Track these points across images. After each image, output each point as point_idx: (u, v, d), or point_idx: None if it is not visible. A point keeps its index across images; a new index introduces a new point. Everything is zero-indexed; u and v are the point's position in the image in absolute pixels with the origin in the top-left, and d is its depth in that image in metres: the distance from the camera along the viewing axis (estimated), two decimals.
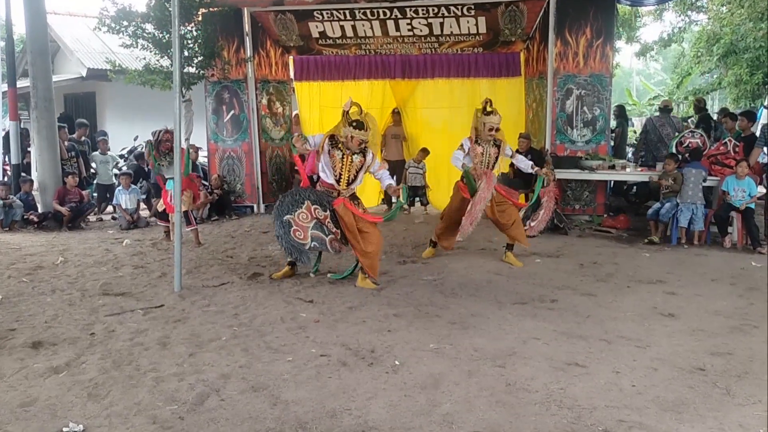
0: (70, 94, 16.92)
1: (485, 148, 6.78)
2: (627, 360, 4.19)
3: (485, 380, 3.84)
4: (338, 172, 5.97)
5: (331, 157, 5.93)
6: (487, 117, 6.69)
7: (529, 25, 10.10)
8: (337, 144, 5.95)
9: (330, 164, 5.96)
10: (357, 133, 5.84)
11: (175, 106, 5.83)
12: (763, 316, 5.17)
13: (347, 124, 5.89)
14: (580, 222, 9.40)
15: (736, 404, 3.55)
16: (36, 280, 6.40)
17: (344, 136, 5.92)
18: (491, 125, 6.68)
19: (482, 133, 6.73)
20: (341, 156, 5.93)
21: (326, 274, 6.50)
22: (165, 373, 3.96)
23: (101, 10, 9.49)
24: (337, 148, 5.94)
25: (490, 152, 6.81)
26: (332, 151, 5.93)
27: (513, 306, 5.40)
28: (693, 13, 19.50)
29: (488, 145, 6.78)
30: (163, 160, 7.88)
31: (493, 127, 6.68)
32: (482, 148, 6.77)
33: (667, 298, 5.69)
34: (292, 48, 11.28)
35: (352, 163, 5.98)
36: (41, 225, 9.53)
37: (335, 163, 5.94)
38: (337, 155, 5.93)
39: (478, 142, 6.78)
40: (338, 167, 5.95)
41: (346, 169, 5.97)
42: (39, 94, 10.14)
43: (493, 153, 6.83)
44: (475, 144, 6.78)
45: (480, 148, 6.77)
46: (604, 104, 9.43)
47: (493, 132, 6.71)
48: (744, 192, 7.77)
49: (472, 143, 6.79)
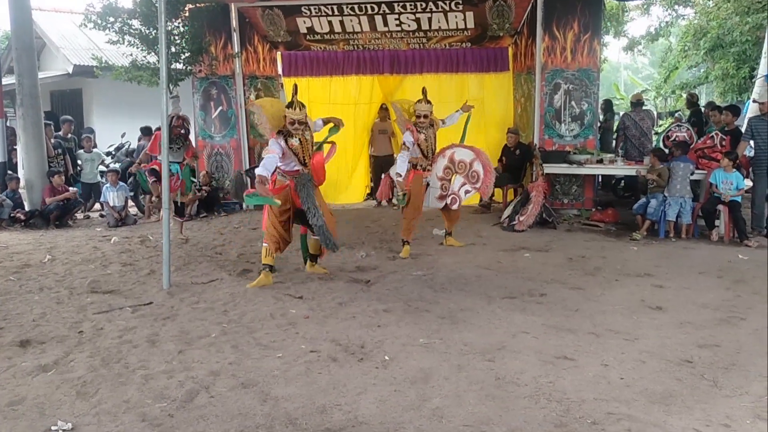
0: (57, 91, 16.78)
1: (426, 133, 7.15)
2: (615, 353, 4.21)
3: (475, 374, 3.85)
4: (302, 155, 5.92)
5: (291, 147, 5.85)
6: (419, 105, 7.10)
7: (516, 20, 10.12)
8: (288, 133, 5.84)
9: (293, 154, 5.88)
10: (289, 112, 5.80)
11: (162, 102, 5.80)
12: (750, 307, 5.21)
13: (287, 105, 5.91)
14: (569, 216, 9.43)
15: (723, 396, 3.58)
16: (23, 278, 6.36)
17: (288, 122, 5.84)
18: (419, 112, 7.07)
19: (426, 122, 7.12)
20: (299, 141, 5.87)
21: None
22: (154, 370, 3.95)
23: (87, 6, 9.45)
24: (290, 137, 5.84)
25: (430, 135, 7.20)
26: (290, 141, 5.83)
27: (502, 300, 5.41)
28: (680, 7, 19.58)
29: (427, 129, 7.16)
30: (173, 144, 7.85)
31: (420, 114, 7.06)
32: (424, 134, 7.14)
33: (655, 291, 5.72)
34: (280, 43, 11.24)
35: (308, 141, 5.97)
36: (28, 223, 9.46)
37: (297, 151, 5.87)
38: (295, 143, 5.84)
39: (418, 129, 7.11)
40: (300, 152, 5.90)
41: (307, 150, 5.96)
42: (25, 91, 10.06)
43: (432, 133, 7.24)
44: (418, 133, 7.10)
45: (422, 135, 7.12)
46: (592, 99, 9.46)
47: (422, 119, 7.09)
48: (732, 185, 7.81)
49: (416, 134, 7.07)
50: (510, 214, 8.86)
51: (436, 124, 7.27)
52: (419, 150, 7.12)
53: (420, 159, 7.18)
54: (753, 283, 5.98)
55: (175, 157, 7.90)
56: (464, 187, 7.12)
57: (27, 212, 9.63)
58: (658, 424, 3.24)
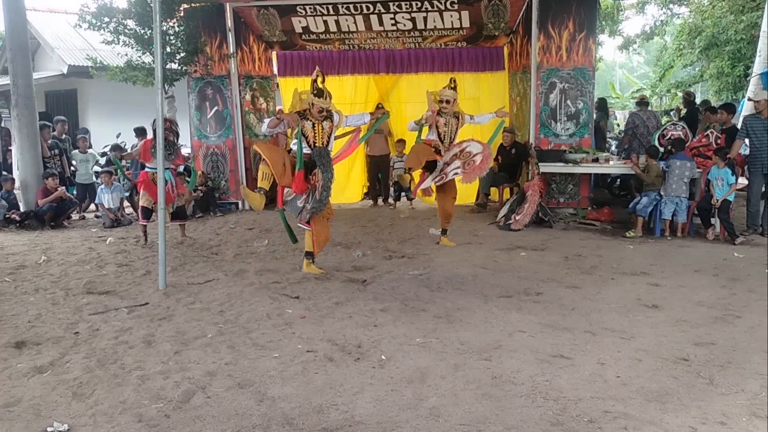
0: (51, 92, 16.75)
1: (447, 119, 7.29)
2: (611, 351, 4.22)
3: (471, 373, 3.86)
4: (311, 140, 6.16)
5: (303, 128, 6.11)
6: (443, 90, 7.30)
7: (512, 19, 10.13)
8: (305, 116, 6.15)
9: (303, 136, 6.12)
10: (317, 100, 6.07)
11: (157, 102, 5.79)
12: (746, 305, 5.22)
13: (312, 92, 6.10)
14: (565, 215, 9.44)
15: (719, 394, 3.59)
16: (18, 279, 6.34)
17: (309, 104, 6.15)
18: (443, 97, 7.26)
19: (449, 108, 7.29)
20: (312, 125, 6.15)
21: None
22: (150, 371, 3.94)
23: (82, 6, 9.43)
24: (305, 119, 6.13)
25: (451, 123, 7.34)
26: (302, 123, 6.12)
27: (498, 299, 5.42)
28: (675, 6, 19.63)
29: (450, 117, 7.30)
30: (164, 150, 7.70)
31: (443, 99, 7.24)
32: (444, 120, 7.28)
33: (651, 290, 5.73)
34: (276, 43, 11.23)
35: (323, 130, 6.20)
36: (23, 224, 9.43)
37: (307, 133, 6.14)
38: (307, 125, 6.13)
39: (441, 114, 7.27)
40: (311, 136, 6.15)
41: (319, 137, 6.18)
42: (19, 92, 10.02)
43: (454, 123, 7.37)
44: (438, 116, 7.26)
45: (443, 119, 7.27)
46: (587, 98, 9.47)
47: (444, 104, 7.24)
48: (722, 181, 7.83)
49: (435, 115, 7.24)
50: (506, 213, 8.87)
51: (462, 116, 7.42)
52: (436, 133, 7.27)
53: (436, 142, 7.30)
54: (748, 281, 5.99)
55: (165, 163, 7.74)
56: (455, 170, 7.23)
57: (22, 213, 9.60)
58: (655, 422, 3.25)
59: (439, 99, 7.28)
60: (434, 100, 7.35)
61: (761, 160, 8.00)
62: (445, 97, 7.24)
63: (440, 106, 7.25)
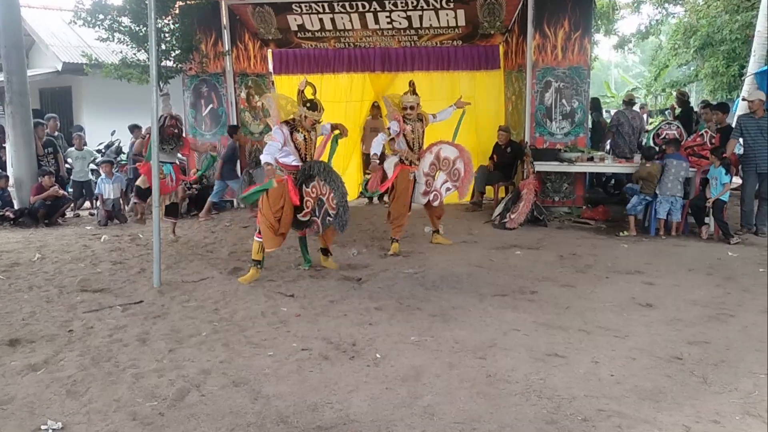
0: (46, 89, 16.68)
1: (413, 125, 7.18)
2: (606, 350, 4.23)
3: (466, 372, 3.86)
4: (303, 153, 6.01)
5: (294, 141, 5.94)
6: (404, 97, 7.16)
7: (507, 17, 10.13)
8: (295, 127, 5.95)
9: (295, 149, 5.97)
10: (311, 114, 5.91)
11: (152, 100, 5.77)
12: (739, 305, 5.24)
13: (302, 103, 5.94)
14: (560, 214, 9.45)
15: (712, 392, 3.60)
16: (12, 277, 6.32)
17: (298, 116, 5.95)
18: (406, 104, 7.14)
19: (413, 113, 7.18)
20: (303, 137, 5.97)
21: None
22: (144, 369, 3.94)
23: (77, 3, 9.40)
24: (296, 131, 5.94)
25: (417, 128, 7.21)
26: (294, 135, 5.93)
27: (493, 298, 5.43)
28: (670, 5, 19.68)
29: (415, 122, 7.19)
30: (167, 145, 7.79)
31: (407, 106, 7.12)
32: (411, 126, 7.15)
33: (645, 289, 5.75)
34: (271, 41, 11.21)
35: (312, 141, 6.08)
36: (17, 221, 9.40)
37: (300, 146, 5.97)
38: (299, 138, 5.95)
39: (406, 121, 7.14)
40: (303, 149, 5.99)
41: (310, 148, 6.06)
42: (13, 89, 9.98)
43: (420, 127, 7.25)
44: (405, 124, 7.13)
45: (409, 126, 7.14)
46: (582, 97, 9.48)
47: (409, 110, 7.14)
48: (716, 180, 7.85)
49: (402, 125, 7.10)
50: (501, 212, 8.88)
51: (425, 119, 7.30)
52: (405, 142, 7.15)
53: (406, 152, 7.18)
54: (742, 280, 6.02)
55: (168, 157, 7.83)
56: (446, 185, 7.21)
57: (16, 211, 9.57)
58: (648, 421, 3.26)
59: (402, 106, 7.13)
60: (395, 105, 7.21)
61: (755, 159, 8.03)
62: (409, 103, 7.10)
63: (404, 113, 7.11)
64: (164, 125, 7.79)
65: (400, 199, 7.23)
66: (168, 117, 7.90)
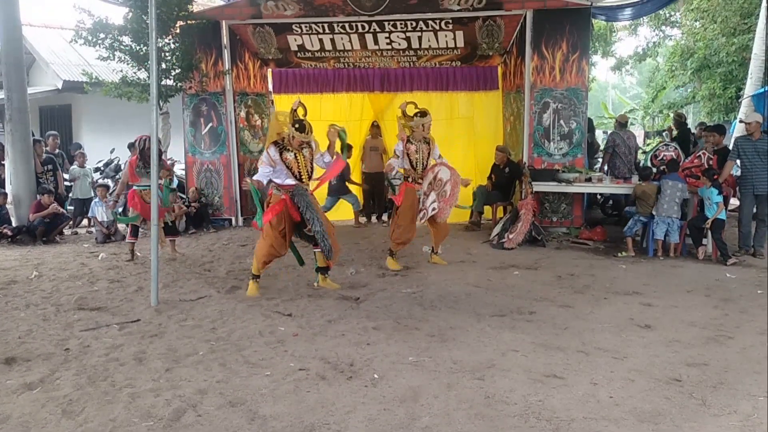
0: (46, 107, 16.75)
1: (418, 146, 7.23)
2: (604, 371, 4.21)
3: (464, 393, 3.84)
4: (297, 171, 6.04)
5: (285, 161, 5.99)
6: (424, 118, 7.19)
7: (506, 39, 10.21)
8: (284, 146, 6.02)
9: (287, 168, 6.01)
10: (298, 135, 5.95)
11: (152, 118, 5.79)
12: (738, 326, 5.23)
13: (291, 123, 5.99)
14: (558, 234, 9.47)
15: (711, 415, 3.58)
16: (9, 294, 6.30)
17: (286, 134, 6.02)
18: (428, 124, 7.23)
19: (417, 133, 7.21)
20: (294, 156, 6.02)
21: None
22: (141, 388, 3.91)
23: (78, 22, 9.46)
24: (286, 150, 6.01)
25: (423, 149, 7.26)
26: (284, 154, 5.99)
27: (492, 318, 5.41)
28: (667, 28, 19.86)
29: (420, 143, 7.25)
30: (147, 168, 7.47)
31: (426, 126, 7.22)
32: (416, 146, 7.22)
33: (644, 310, 5.74)
34: (271, 61, 11.28)
35: (305, 158, 6.10)
36: (15, 239, 9.39)
37: (291, 165, 6.01)
38: (289, 157, 6.00)
39: (411, 141, 7.22)
40: (295, 167, 6.03)
41: (303, 166, 6.07)
42: (13, 106, 10.02)
43: (425, 149, 7.30)
44: (409, 144, 7.21)
45: (414, 146, 7.21)
46: (580, 117, 9.54)
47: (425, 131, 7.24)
48: (709, 200, 7.86)
49: (405, 144, 7.19)
50: (499, 232, 8.88)
51: (432, 143, 7.35)
52: (408, 161, 7.21)
53: (410, 171, 7.26)
54: (740, 301, 6.01)
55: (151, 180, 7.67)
56: (433, 204, 7.21)
57: (14, 228, 9.56)
58: None
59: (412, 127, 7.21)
60: (404, 126, 7.28)
61: (752, 181, 8.05)
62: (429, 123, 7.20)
63: (411, 134, 7.20)
64: (144, 148, 7.69)
65: (405, 216, 7.28)
66: (148, 139, 7.62)
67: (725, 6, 16.71)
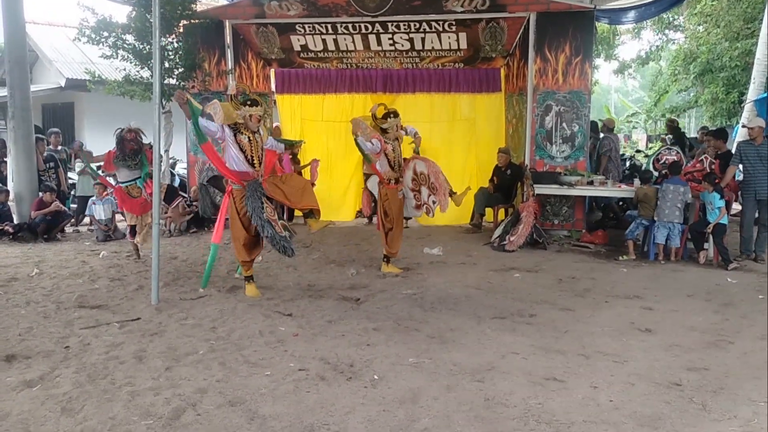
0: (48, 105, 16.77)
1: (393, 144, 7.21)
2: (604, 375, 4.21)
3: (464, 395, 3.84)
4: (249, 155, 5.96)
5: (239, 143, 5.92)
6: (397, 118, 7.19)
7: (509, 41, 10.21)
8: (238, 129, 5.93)
9: (240, 151, 5.93)
10: (255, 110, 5.89)
11: (154, 117, 5.79)
12: (738, 331, 5.22)
13: (240, 105, 5.91)
14: (559, 237, 9.46)
15: (711, 419, 3.58)
16: (10, 292, 6.31)
17: (242, 118, 5.92)
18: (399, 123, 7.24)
19: (391, 134, 7.16)
20: (248, 139, 5.94)
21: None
22: (140, 387, 3.91)
23: (81, 20, 9.46)
24: (240, 133, 5.93)
25: (397, 148, 7.26)
26: (238, 137, 5.92)
27: (492, 320, 5.41)
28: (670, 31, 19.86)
29: (394, 143, 7.23)
30: (129, 161, 7.43)
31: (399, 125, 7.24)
32: (391, 146, 7.19)
33: (644, 313, 5.73)
34: (274, 60, 11.29)
35: (258, 143, 6.03)
36: (16, 236, 9.39)
37: (245, 148, 5.93)
38: (244, 140, 5.93)
39: (386, 141, 7.15)
40: (248, 151, 5.95)
41: (256, 151, 6.00)
42: (16, 104, 10.03)
43: (398, 146, 7.30)
44: (384, 143, 7.13)
45: (390, 146, 7.17)
46: (582, 120, 9.54)
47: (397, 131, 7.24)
48: (711, 205, 7.86)
49: (383, 144, 7.11)
50: (500, 234, 8.88)
51: (400, 136, 7.33)
52: (386, 162, 7.16)
53: (388, 172, 7.20)
54: (741, 306, 6.00)
55: (136, 172, 7.50)
56: (431, 198, 7.22)
57: (15, 225, 9.57)
58: None
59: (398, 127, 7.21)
60: (371, 127, 7.17)
61: (754, 186, 8.05)
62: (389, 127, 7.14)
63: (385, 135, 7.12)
64: (122, 138, 7.37)
65: (392, 218, 7.27)
66: (126, 130, 7.42)
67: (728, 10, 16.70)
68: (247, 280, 6.31)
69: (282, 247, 5.84)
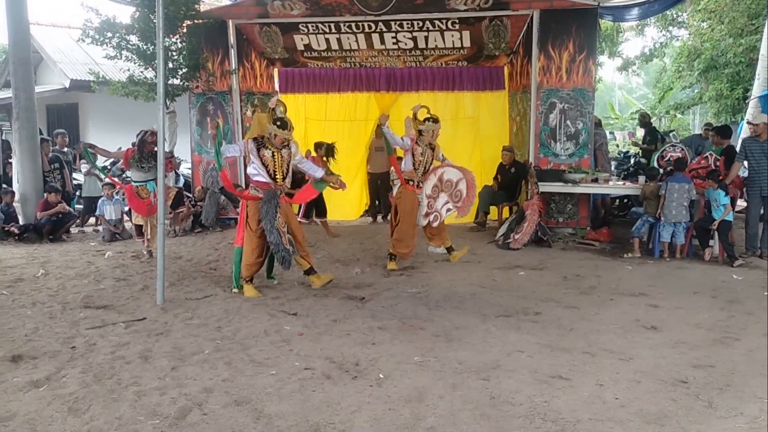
0: (53, 105, 16.80)
1: (424, 149, 7.27)
2: (610, 372, 4.20)
3: (469, 393, 3.84)
4: (272, 169, 6.11)
5: (262, 158, 6.07)
6: (436, 124, 7.28)
7: (512, 39, 10.20)
8: (263, 143, 6.09)
9: (262, 165, 6.09)
10: (281, 132, 6.01)
11: (158, 117, 5.81)
12: (744, 328, 5.21)
13: (272, 121, 6.06)
14: (564, 235, 9.45)
15: (718, 417, 3.57)
16: (16, 292, 6.33)
17: (268, 134, 6.09)
18: (438, 132, 7.33)
19: (425, 138, 7.25)
20: (271, 154, 6.08)
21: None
22: (147, 387, 3.92)
23: (85, 21, 9.47)
24: (264, 147, 6.08)
25: (428, 153, 7.33)
26: (262, 151, 6.07)
27: (497, 319, 5.41)
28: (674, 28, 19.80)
29: (426, 148, 7.29)
30: (146, 163, 7.82)
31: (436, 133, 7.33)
32: (422, 149, 7.26)
33: (650, 311, 5.72)
34: (277, 60, 11.30)
35: (283, 159, 6.16)
36: (22, 237, 9.42)
37: (267, 162, 6.08)
38: (267, 154, 6.08)
39: (418, 143, 7.24)
40: (271, 165, 6.10)
41: (279, 165, 6.13)
42: (21, 105, 10.06)
43: (430, 154, 7.36)
44: (416, 144, 7.23)
45: (420, 148, 7.25)
46: (586, 118, 9.52)
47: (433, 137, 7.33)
48: (716, 202, 7.83)
49: (414, 143, 7.22)
50: (505, 232, 8.87)
51: (437, 151, 7.40)
52: (411, 161, 7.24)
53: (410, 173, 7.28)
54: (747, 303, 5.99)
55: (149, 175, 7.79)
56: (446, 205, 7.27)
57: (21, 226, 9.60)
58: None
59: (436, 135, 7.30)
60: (415, 127, 7.30)
61: (759, 182, 8.02)
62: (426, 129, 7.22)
63: (419, 136, 7.23)
64: (143, 140, 7.83)
65: (406, 220, 7.27)
66: (149, 133, 7.84)
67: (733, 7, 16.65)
68: (246, 281, 6.31)
69: (282, 257, 5.98)
